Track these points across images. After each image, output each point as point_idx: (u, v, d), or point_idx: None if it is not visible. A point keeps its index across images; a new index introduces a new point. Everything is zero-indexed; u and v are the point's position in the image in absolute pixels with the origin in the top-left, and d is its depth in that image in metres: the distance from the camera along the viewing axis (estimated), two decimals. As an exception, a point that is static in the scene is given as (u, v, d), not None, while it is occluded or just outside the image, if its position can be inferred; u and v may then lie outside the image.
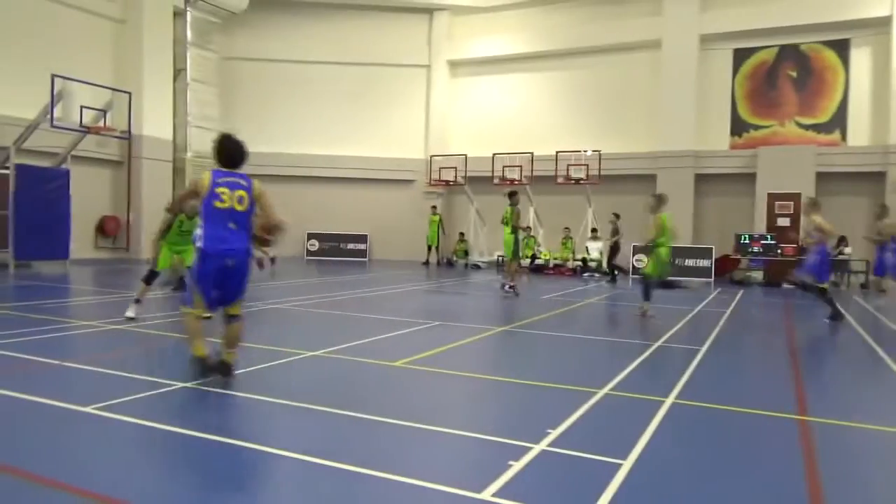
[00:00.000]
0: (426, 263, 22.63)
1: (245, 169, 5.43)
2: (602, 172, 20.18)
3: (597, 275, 19.12)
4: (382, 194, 24.55)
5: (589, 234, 20.31)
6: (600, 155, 20.27)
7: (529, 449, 3.82)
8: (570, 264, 20.15)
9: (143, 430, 4.04)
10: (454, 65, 25.31)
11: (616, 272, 17.60)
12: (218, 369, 5.18)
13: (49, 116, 14.26)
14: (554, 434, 4.12)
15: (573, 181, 20.50)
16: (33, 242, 14.52)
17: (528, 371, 6.27)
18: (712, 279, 18.41)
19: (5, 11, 17.58)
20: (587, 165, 20.44)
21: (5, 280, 13.07)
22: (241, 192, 5.12)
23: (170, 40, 21.63)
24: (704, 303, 12.63)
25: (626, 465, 3.62)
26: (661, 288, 10.65)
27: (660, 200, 10.33)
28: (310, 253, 24.18)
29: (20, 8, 17.93)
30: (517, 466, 3.56)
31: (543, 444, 3.91)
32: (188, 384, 5.12)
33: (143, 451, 3.78)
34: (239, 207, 5.09)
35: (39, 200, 14.81)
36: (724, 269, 18.91)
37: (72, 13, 19.30)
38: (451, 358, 6.76)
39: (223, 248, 5.00)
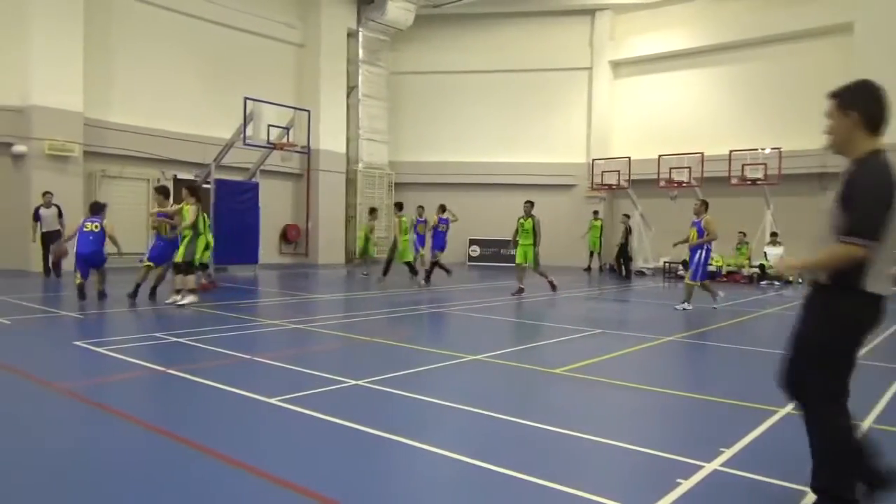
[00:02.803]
0: (588, 269, 22.16)
1: (409, 178, 5.88)
2: (782, 171, 18.54)
3: (776, 283, 17.60)
4: (543, 199, 24.25)
5: (767, 239, 18.74)
6: (780, 153, 18.63)
7: (700, 468, 3.60)
8: (745, 271, 18.72)
9: (318, 421, 4.37)
10: (617, 65, 24.60)
11: (626, 269, 19.18)
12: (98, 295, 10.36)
13: (242, 135, 15.87)
14: (728, 453, 3.85)
15: (749, 182, 19.04)
16: (229, 248, 16.16)
17: (699, 384, 5.92)
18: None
19: (206, 45, 19.90)
20: (765, 165, 18.88)
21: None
22: (96, 225, 10.24)
23: (344, 60, 23.25)
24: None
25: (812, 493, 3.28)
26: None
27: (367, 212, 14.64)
28: (471, 258, 24.67)
29: (218, 40, 20.19)
30: (686, 485, 3.37)
31: (716, 464, 3.66)
32: (359, 382, 5.45)
33: (317, 440, 4.07)
34: (95, 230, 10.20)
35: (234, 211, 16.51)
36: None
37: (260, 41, 21.40)
38: (614, 367, 6.56)
39: (88, 248, 10.08)
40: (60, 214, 14.66)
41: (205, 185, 17.19)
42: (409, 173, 24.91)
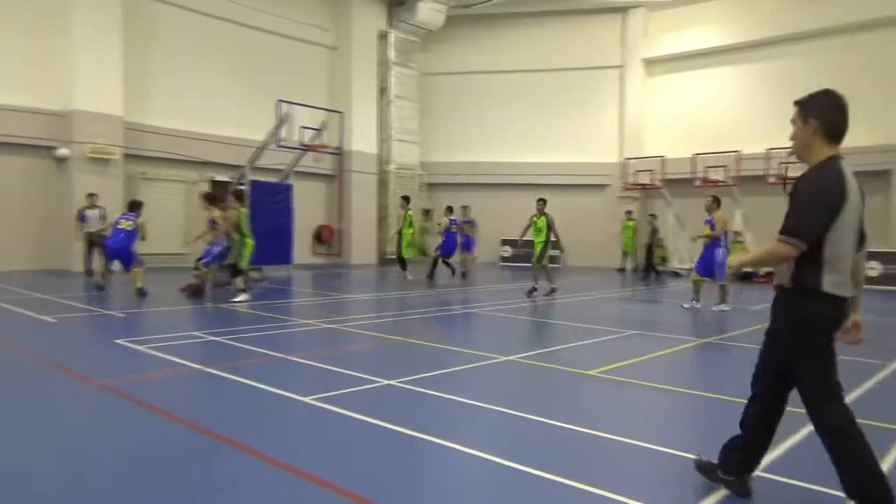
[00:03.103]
0: (621, 270, 21.92)
1: (441, 178, 5.91)
2: (823, 170, 18.07)
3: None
4: (575, 200, 24.20)
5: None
6: (821, 150, 18.16)
7: (739, 472, 3.53)
8: (784, 272, 18.32)
9: (352, 421, 4.40)
10: (650, 63, 24.28)
11: (655, 271, 19.39)
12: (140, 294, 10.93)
13: (276, 137, 16.06)
14: (769, 458, 3.76)
15: (788, 181, 18.62)
16: (263, 249, 16.33)
17: (736, 387, 5.78)
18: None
19: (241, 48, 20.22)
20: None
21: (241, 282, 14.94)
22: (130, 223, 11.12)
23: (375, 62, 23.40)
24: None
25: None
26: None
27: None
28: (503, 259, 24.59)
29: (252, 44, 20.50)
30: (726, 491, 3.31)
31: (757, 470, 3.59)
32: (392, 381, 5.48)
33: (351, 440, 4.10)
34: (128, 227, 11.06)
35: (268, 212, 16.70)
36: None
37: (293, 44, 21.67)
38: (649, 369, 6.47)
39: (118, 243, 10.98)
40: (104, 217, 15.01)
41: (240, 187, 17.46)
42: (440, 174, 24.93)
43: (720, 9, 22.58)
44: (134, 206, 11.60)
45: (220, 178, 18.73)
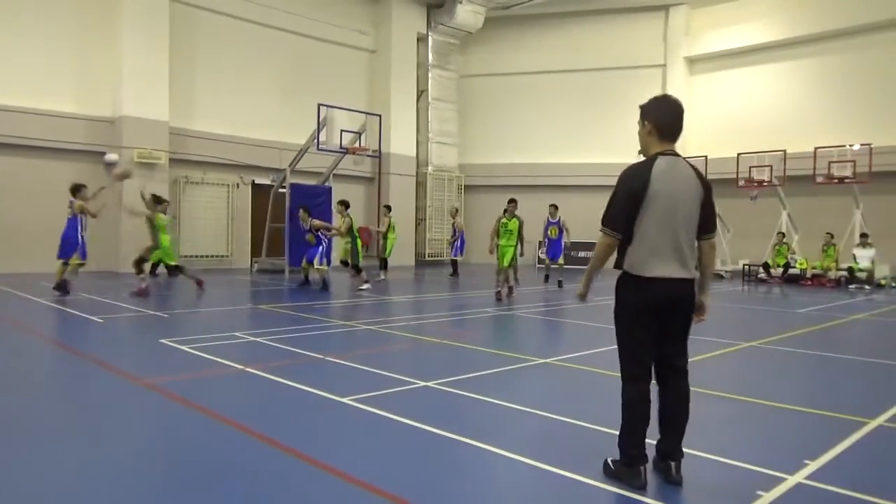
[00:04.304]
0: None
1: (480, 181, 5.95)
2: (873, 169, 17.50)
3: (867, 287, 16.61)
4: (614, 201, 23.86)
5: (857, 240, 17.73)
6: (871, 149, 17.59)
7: (782, 480, 3.45)
8: (831, 274, 17.78)
9: (389, 422, 4.43)
10: (692, 61, 23.85)
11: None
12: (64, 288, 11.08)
13: (316, 141, 16.30)
14: (813, 466, 3.66)
15: (836, 180, 18.07)
16: (304, 251, 16.62)
17: (781, 392, 5.65)
18: None
19: (283, 54, 20.56)
20: (854, 162, 17.88)
21: (281, 284, 15.22)
22: (69, 210, 10.83)
23: (414, 65, 23.53)
24: None
25: (908, 511, 3.08)
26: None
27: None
28: (541, 261, 24.40)
29: (294, 49, 20.83)
30: (767, 498, 3.23)
31: (800, 477, 3.50)
32: (428, 383, 5.49)
33: (388, 441, 4.12)
34: (69, 215, 10.87)
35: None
36: None
37: (334, 49, 21.95)
38: (692, 373, 6.33)
39: (63, 234, 10.98)
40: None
41: (280, 190, 17.75)
42: (479, 175, 24.92)
43: (764, 5, 22.06)
44: (72, 191, 11.09)
45: (261, 181, 19.09)
